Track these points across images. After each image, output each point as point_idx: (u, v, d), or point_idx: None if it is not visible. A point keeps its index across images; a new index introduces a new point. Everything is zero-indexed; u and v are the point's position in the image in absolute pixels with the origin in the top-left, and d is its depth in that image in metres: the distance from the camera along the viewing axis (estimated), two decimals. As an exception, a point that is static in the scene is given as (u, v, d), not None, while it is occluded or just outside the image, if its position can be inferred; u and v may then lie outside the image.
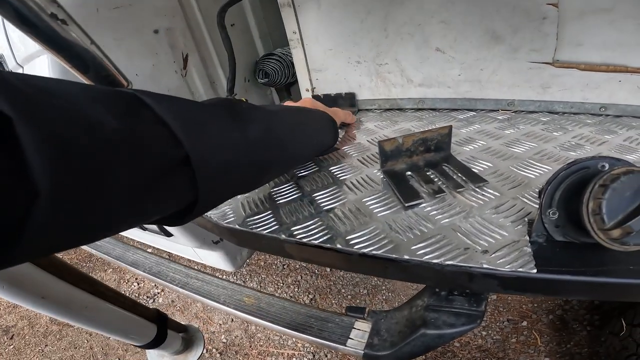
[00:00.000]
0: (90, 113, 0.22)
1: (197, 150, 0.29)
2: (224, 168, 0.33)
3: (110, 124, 0.22)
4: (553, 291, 0.37)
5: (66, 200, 0.19)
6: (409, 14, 0.71)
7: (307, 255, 0.48)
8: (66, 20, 0.32)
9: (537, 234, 0.38)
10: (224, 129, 0.34)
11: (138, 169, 0.24)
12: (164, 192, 0.28)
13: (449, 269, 0.39)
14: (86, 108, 0.22)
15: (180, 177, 0.29)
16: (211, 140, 0.31)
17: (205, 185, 0.30)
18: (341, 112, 0.70)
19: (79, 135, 0.20)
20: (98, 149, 0.21)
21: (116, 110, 0.24)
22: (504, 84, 0.70)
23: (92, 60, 0.36)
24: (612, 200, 0.32)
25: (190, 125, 0.29)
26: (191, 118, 0.30)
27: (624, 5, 0.56)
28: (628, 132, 0.59)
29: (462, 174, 0.50)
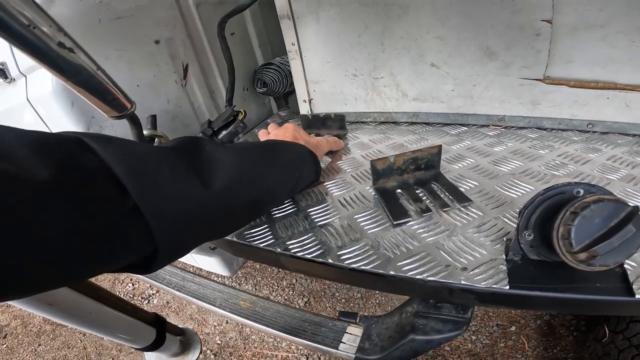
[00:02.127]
0: (18, 163, 0.21)
1: (147, 199, 0.27)
2: (183, 218, 0.30)
3: (39, 173, 0.21)
4: (525, 305, 0.40)
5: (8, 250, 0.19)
6: (405, 29, 0.73)
7: (300, 267, 0.51)
8: (73, 48, 0.34)
9: (514, 252, 0.41)
10: (180, 177, 0.31)
11: (75, 219, 0.23)
12: (116, 242, 0.26)
13: (431, 284, 0.41)
14: (15, 158, 0.21)
15: (134, 227, 0.27)
16: (163, 189, 0.29)
17: (163, 235, 0.28)
18: (324, 143, 0.66)
19: (9, 188, 0.20)
20: (20, 201, 0.20)
21: (52, 157, 0.23)
22: (496, 100, 0.72)
23: (99, 85, 0.38)
24: (581, 226, 0.35)
25: (138, 172, 0.27)
26: (140, 164, 0.28)
27: (618, 21, 0.57)
28: (613, 150, 0.61)
29: (449, 192, 0.52)
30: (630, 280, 0.37)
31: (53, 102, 0.62)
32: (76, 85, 0.38)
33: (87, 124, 0.63)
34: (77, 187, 0.23)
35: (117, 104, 0.41)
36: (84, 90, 0.39)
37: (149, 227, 0.27)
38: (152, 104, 0.74)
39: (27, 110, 0.69)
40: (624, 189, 0.50)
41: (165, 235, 0.29)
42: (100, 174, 0.26)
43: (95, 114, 0.65)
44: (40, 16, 0.32)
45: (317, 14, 0.78)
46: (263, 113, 1.09)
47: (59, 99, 0.62)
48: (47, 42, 0.33)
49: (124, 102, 0.42)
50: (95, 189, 0.25)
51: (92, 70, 0.37)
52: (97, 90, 0.39)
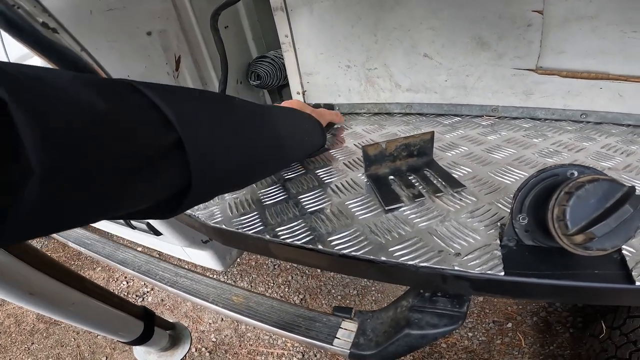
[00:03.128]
0: (80, 96, 0.22)
1: (190, 135, 0.29)
2: (219, 156, 0.33)
3: (100, 106, 0.23)
4: (520, 293, 0.39)
5: (57, 178, 0.20)
6: (398, 20, 0.73)
7: (290, 255, 0.50)
8: (57, 29, 0.34)
9: (508, 238, 0.40)
10: (219, 118, 0.34)
11: (128, 150, 0.24)
12: (157, 174, 0.27)
13: (424, 270, 0.40)
14: (77, 91, 0.22)
15: (173, 161, 0.29)
16: (205, 127, 0.31)
17: (198, 171, 0.30)
18: (327, 113, 0.71)
19: (69, 114, 0.21)
20: (88, 129, 0.22)
21: (107, 94, 0.24)
22: (489, 90, 0.72)
23: (84, 66, 0.37)
24: (576, 207, 0.34)
25: (183, 111, 0.29)
26: (185, 104, 0.30)
27: (608, 12, 0.57)
28: (607, 139, 0.61)
29: (442, 179, 0.51)
30: (630, 267, 0.35)
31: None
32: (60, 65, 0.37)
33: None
34: (131, 121, 0.25)
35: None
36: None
37: (188, 162, 0.29)
38: (142, 94, 0.73)
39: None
40: (619, 175, 0.49)
41: (200, 172, 0.30)
42: (149, 111, 0.28)
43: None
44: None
45: (310, 5, 0.78)
46: (257, 107, 1.09)
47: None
48: (30, 22, 0.32)
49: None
50: (144, 124, 0.27)
51: (76, 51, 0.37)
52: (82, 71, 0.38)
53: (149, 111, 0.28)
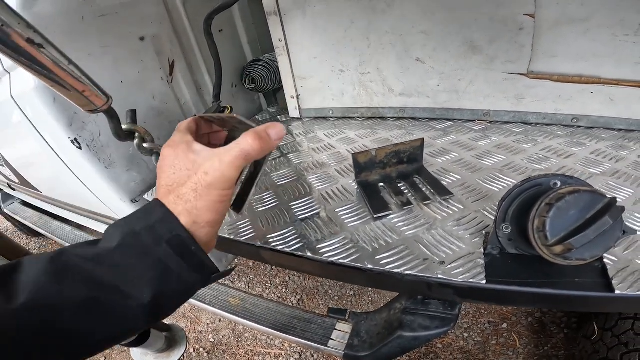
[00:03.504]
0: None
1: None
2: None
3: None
4: (502, 301, 0.39)
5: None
6: (390, 24, 0.73)
7: (280, 261, 0.50)
8: (43, 44, 0.34)
9: (492, 246, 0.40)
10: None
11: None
12: None
13: (409, 278, 0.41)
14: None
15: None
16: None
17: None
18: (227, 156, 0.32)
19: None
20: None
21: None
22: (480, 95, 0.72)
23: (71, 80, 0.37)
24: (556, 218, 0.34)
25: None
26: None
27: (599, 15, 0.57)
28: (597, 144, 0.61)
29: (431, 186, 0.52)
30: (610, 276, 0.36)
31: (35, 99, 0.62)
32: (48, 80, 0.38)
33: (69, 119, 0.63)
34: None
35: (91, 99, 0.41)
36: (56, 86, 0.38)
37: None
38: (137, 100, 0.74)
39: (11, 107, 0.69)
40: (607, 182, 0.50)
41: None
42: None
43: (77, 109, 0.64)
44: (9, 14, 0.32)
45: (303, 9, 0.78)
46: (252, 109, 1.09)
47: (41, 95, 0.62)
48: (15, 38, 0.32)
49: (100, 96, 0.42)
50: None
51: (64, 66, 0.37)
52: (70, 85, 0.38)
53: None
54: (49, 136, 0.66)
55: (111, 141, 0.68)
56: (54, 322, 0.28)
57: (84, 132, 0.64)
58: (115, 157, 0.70)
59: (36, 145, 0.70)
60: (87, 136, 0.65)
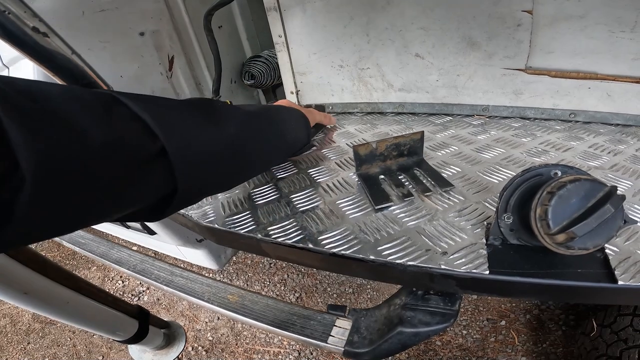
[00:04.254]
0: (69, 111, 0.24)
1: (173, 142, 0.30)
2: (202, 160, 0.34)
3: (87, 121, 0.25)
4: (505, 292, 0.39)
5: (49, 186, 0.21)
6: (390, 20, 0.73)
7: (281, 254, 0.50)
8: (47, 33, 0.34)
9: (494, 237, 0.40)
10: (200, 123, 0.35)
11: (116, 159, 0.26)
12: (143, 181, 0.29)
13: (411, 269, 0.41)
14: (65, 107, 0.24)
15: (159, 168, 0.30)
16: (186, 133, 0.33)
17: (183, 175, 0.32)
18: (317, 113, 0.71)
19: (59, 130, 0.22)
20: (78, 142, 0.23)
21: (93, 108, 0.26)
22: (479, 90, 0.73)
23: (74, 69, 0.37)
24: (558, 206, 0.34)
25: (164, 120, 0.31)
26: (166, 113, 0.32)
27: (596, 12, 0.58)
28: (595, 138, 0.62)
29: (431, 178, 0.52)
30: (612, 266, 0.36)
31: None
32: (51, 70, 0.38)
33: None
34: (117, 133, 0.27)
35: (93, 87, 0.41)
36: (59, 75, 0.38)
37: (172, 168, 0.31)
38: (135, 94, 0.73)
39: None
40: (605, 175, 0.50)
41: (184, 176, 0.32)
42: (133, 123, 0.29)
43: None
44: (15, 2, 0.32)
45: (303, 5, 0.78)
46: (252, 107, 1.09)
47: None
48: (21, 26, 0.32)
49: (101, 85, 0.42)
50: (129, 135, 0.28)
51: (67, 55, 0.37)
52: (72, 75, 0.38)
53: (132, 123, 0.29)
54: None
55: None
56: (252, 150, 0.44)
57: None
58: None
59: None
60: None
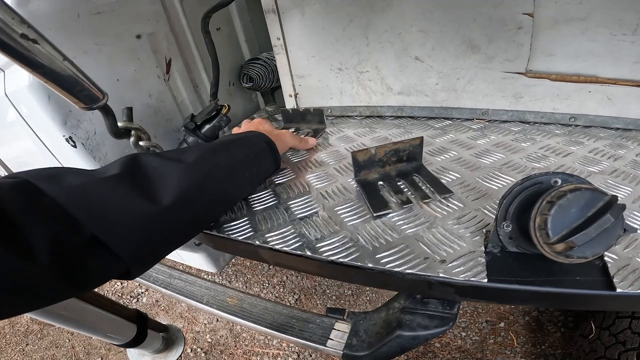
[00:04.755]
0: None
1: (101, 228, 0.29)
2: (141, 237, 0.33)
3: (16, 215, 0.26)
4: (503, 299, 0.39)
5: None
6: (389, 23, 0.72)
7: (279, 260, 0.50)
8: (37, 39, 0.33)
9: (493, 244, 0.40)
10: (126, 201, 0.33)
11: (52, 251, 0.26)
12: (89, 267, 0.29)
13: (410, 277, 0.40)
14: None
15: (100, 252, 0.30)
16: (113, 215, 0.31)
17: (127, 254, 0.31)
18: (289, 137, 0.66)
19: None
20: (18, 234, 0.25)
21: (18, 203, 0.27)
22: (479, 94, 0.72)
23: (66, 76, 0.37)
24: (558, 216, 0.34)
25: (86, 206, 0.30)
26: (86, 197, 0.30)
27: (598, 14, 0.57)
28: (595, 143, 0.61)
29: (430, 184, 0.52)
30: (611, 274, 0.36)
31: (29, 96, 0.61)
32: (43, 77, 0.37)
33: (64, 117, 0.62)
34: (43, 226, 0.27)
35: (87, 95, 0.40)
36: (51, 82, 0.38)
37: (112, 251, 0.30)
38: (133, 98, 0.73)
39: (6, 105, 0.67)
40: (605, 181, 0.50)
41: (128, 254, 0.31)
42: (55, 211, 0.28)
43: (72, 107, 0.64)
44: (2, 8, 0.31)
45: (302, 7, 0.77)
46: (250, 108, 1.08)
47: (35, 92, 0.61)
48: (9, 33, 0.32)
49: (95, 93, 0.41)
50: (56, 225, 0.28)
51: (59, 61, 0.36)
52: (64, 82, 0.38)
53: (56, 214, 0.28)
54: (43, 135, 0.65)
55: (107, 139, 0.67)
56: (200, 205, 0.42)
57: (79, 130, 0.64)
58: (111, 155, 0.69)
59: (31, 144, 0.69)
60: (82, 134, 0.64)
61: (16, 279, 0.24)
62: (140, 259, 0.33)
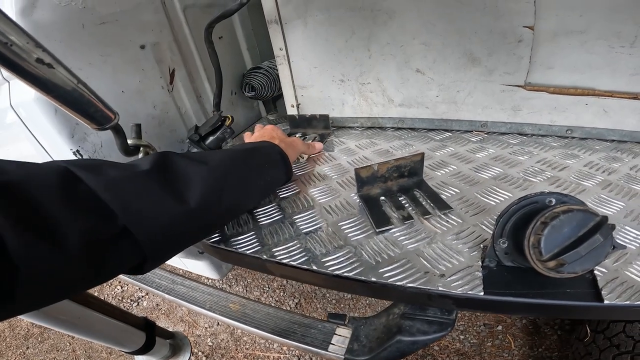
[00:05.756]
0: (33, 199, 0.27)
1: (131, 220, 0.32)
2: (165, 233, 0.36)
3: (52, 203, 0.27)
4: (498, 310, 0.41)
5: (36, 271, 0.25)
6: (391, 35, 0.74)
7: (286, 273, 0.51)
8: (52, 64, 0.34)
9: (489, 259, 0.42)
10: (156, 198, 0.36)
11: (83, 239, 0.28)
12: (115, 254, 0.32)
13: (411, 290, 0.42)
14: (29, 193, 0.27)
15: (125, 242, 0.32)
16: (144, 210, 0.34)
17: (149, 247, 0.34)
18: (300, 144, 0.70)
19: (30, 215, 0.26)
20: (50, 223, 0.27)
21: (57, 190, 0.28)
22: (478, 106, 0.74)
23: (80, 98, 0.38)
24: (550, 236, 0.36)
25: (121, 198, 0.32)
26: (122, 191, 0.33)
27: (597, 27, 0.59)
28: (590, 156, 0.63)
29: (430, 200, 0.53)
30: (600, 286, 0.38)
31: (36, 109, 0.62)
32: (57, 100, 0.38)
33: (71, 130, 0.63)
34: (78, 213, 0.28)
35: (99, 116, 0.41)
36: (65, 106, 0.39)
37: (137, 242, 0.33)
38: (137, 109, 0.74)
39: (11, 116, 0.68)
40: (599, 195, 0.52)
41: (151, 247, 0.34)
42: (92, 202, 0.30)
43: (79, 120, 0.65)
44: (18, 33, 0.32)
45: (304, 19, 0.78)
46: (251, 117, 1.10)
47: (42, 105, 0.61)
48: (25, 58, 0.33)
49: (108, 114, 0.42)
50: (91, 214, 0.30)
51: (73, 84, 0.37)
52: (78, 104, 0.39)
53: (92, 203, 0.30)
54: (50, 148, 0.66)
55: (113, 152, 0.68)
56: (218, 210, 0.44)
57: (85, 143, 0.65)
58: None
59: (37, 157, 0.70)
60: (89, 147, 0.65)
61: (40, 266, 0.25)
62: (158, 253, 0.36)
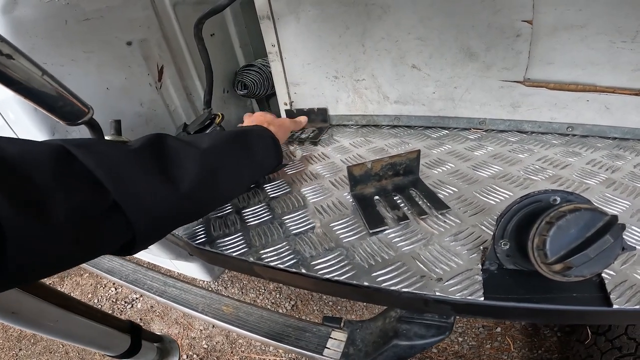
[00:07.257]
0: (26, 173, 0.26)
1: (123, 198, 0.32)
2: (155, 212, 0.36)
3: (44, 178, 0.27)
4: (500, 316, 0.39)
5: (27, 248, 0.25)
6: (386, 30, 0.71)
7: (274, 276, 0.49)
8: (12, 54, 0.32)
9: (490, 262, 0.40)
10: (149, 177, 0.36)
11: (73, 213, 0.28)
12: (105, 229, 0.32)
13: (406, 295, 0.40)
14: (22, 168, 0.27)
15: (115, 219, 0.32)
16: (136, 188, 0.34)
17: (139, 225, 0.34)
18: (288, 122, 0.72)
19: (22, 189, 0.26)
20: (41, 196, 0.27)
21: (50, 166, 0.28)
22: (476, 103, 0.72)
23: (46, 92, 0.35)
24: (556, 237, 0.34)
25: (114, 175, 0.32)
26: (115, 168, 0.33)
27: (597, 21, 0.57)
28: (592, 154, 0.61)
29: (427, 199, 0.51)
30: (608, 290, 0.36)
31: (15, 106, 0.59)
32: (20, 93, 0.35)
33: (52, 127, 0.60)
34: (70, 188, 0.29)
35: (70, 111, 0.39)
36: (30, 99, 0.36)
37: (128, 219, 0.33)
38: (123, 107, 0.71)
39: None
40: (603, 194, 0.49)
41: (141, 226, 0.34)
42: (85, 178, 0.31)
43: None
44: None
45: (297, 14, 0.76)
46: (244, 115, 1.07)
47: (21, 102, 0.59)
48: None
49: (80, 107, 0.40)
50: (83, 190, 0.30)
51: (37, 77, 0.35)
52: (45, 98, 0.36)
53: (85, 180, 0.30)
54: (31, 145, 0.64)
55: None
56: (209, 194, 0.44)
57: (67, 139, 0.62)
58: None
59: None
60: (72, 145, 0.62)
61: (27, 237, 0.25)
62: (148, 233, 0.36)
